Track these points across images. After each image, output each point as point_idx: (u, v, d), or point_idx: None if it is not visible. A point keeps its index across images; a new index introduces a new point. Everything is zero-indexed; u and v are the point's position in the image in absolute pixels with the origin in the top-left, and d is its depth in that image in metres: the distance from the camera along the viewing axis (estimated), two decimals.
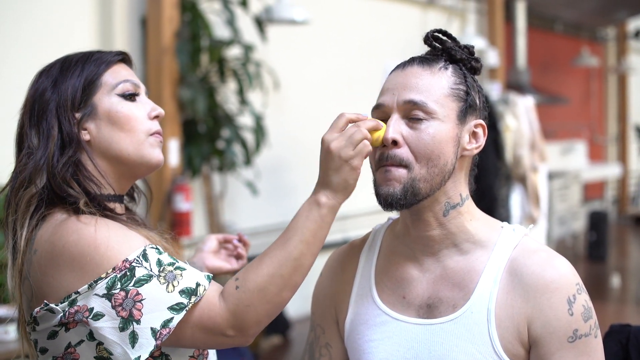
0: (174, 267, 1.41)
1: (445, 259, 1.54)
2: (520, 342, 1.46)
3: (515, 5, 8.71)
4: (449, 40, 1.56)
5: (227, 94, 5.15)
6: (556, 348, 1.45)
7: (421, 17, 7.75)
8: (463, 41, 1.58)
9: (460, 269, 1.52)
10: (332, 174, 1.42)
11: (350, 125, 1.44)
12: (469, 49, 1.57)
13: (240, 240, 1.88)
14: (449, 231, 1.53)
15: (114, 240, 1.41)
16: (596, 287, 7.35)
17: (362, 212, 6.48)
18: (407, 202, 1.48)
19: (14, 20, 4.31)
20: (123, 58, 1.61)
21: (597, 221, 8.53)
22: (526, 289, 1.46)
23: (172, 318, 1.37)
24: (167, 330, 1.37)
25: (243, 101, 5.02)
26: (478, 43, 7.43)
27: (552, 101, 9.67)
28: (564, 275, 1.47)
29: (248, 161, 5.10)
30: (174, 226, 4.60)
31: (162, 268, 1.40)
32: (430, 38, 1.57)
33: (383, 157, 1.48)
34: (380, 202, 1.50)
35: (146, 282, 1.38)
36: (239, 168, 5.14)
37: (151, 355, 1.44)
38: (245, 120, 5.28)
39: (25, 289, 1.46)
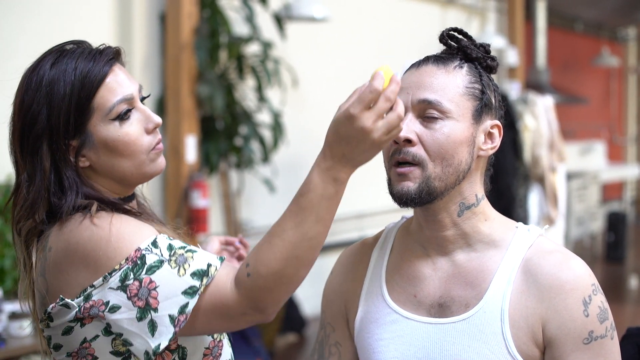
0: (185, 249, 1.40)
1: (458, 258, 1.53)
2: (534, 343, 1.45)
3: (535, 4, 8.67)
4: (465, 39, 1.55)
5: (246, 90, 5.15)
6: (571, 349, 1.43)
7: (441, 15, 7.73)
8: (483, 40, 1.57)
9: (473, 268, 1.51)
10: (361, 153, 1.33)
11: (382, 100, 1.30)
12: (484, 48, 1.55)
13: (241, 242, 1.89)
14: (463, 231, 1.52)
15: (126, 232, 1.40)
16: (614, 288, 7.31)
17: (379, 211, 6.47)
18: (422, 200, 1.47)
19: (32, 14, 4.32)
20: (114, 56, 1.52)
21: (615, 222, 8.50)
22: (541, 290, 1.45)
23: (187, 303, 1.35)
24: (184, 316, 1.35)
25: (261, 98, 5.02)
26: (498, 42, 7.41)
27: (571, 101, 9.63)
28: (580, 276, 1.45)
29: (266, 158, 5.10)
30: (191, 223, 4.60)
31: (172, 252, 1.39)
32: (445, 36, 1.55)
33: (396, 152, 1.48)
34: (395, 200, 1.49)
35: (157, 269, 1.37)
36: (256, 165, 5.14)
37: (168, 348, 1.44)
38: (263, 117, 5.28)
39: (39, 286, 1.46)
